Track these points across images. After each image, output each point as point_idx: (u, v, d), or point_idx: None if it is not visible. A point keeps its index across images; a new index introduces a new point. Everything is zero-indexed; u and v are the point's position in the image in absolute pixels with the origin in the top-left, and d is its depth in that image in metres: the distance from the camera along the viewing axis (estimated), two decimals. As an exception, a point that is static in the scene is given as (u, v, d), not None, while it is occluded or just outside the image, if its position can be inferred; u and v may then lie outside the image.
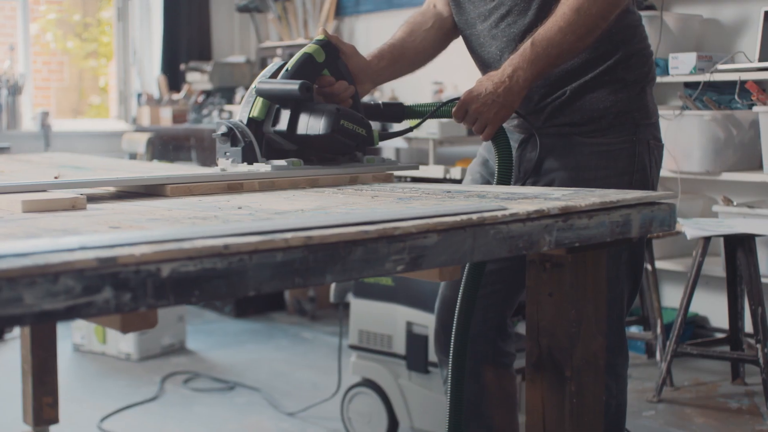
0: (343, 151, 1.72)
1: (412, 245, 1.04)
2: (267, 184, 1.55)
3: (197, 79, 6.03)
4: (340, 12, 5.87)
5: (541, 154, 1.90)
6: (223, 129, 1.66)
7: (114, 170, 2.17)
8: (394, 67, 1.97)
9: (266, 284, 0.92)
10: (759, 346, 3.21)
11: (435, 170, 2.91)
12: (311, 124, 1.64)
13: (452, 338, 1.84)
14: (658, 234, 3.49)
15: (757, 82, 3.67)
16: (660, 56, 3.93)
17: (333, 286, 3.13)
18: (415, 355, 2.85)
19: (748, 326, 3.52)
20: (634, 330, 3.93)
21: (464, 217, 1.10)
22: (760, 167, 3.75)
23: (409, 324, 2.88)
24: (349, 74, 1.82)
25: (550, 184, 1.88)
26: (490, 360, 2.09)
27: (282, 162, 1.63)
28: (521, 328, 2.74)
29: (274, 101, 1.69)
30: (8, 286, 0.75)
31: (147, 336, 4.04)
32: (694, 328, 4.13)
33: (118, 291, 0.82)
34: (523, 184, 1.92)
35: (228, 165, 1.66)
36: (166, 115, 5.94)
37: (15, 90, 5.72)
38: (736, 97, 3.78)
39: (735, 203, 3.77)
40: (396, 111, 1.90)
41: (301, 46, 1.79)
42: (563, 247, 1.25)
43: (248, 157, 1.65)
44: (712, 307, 4.15)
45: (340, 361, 3.23)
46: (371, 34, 5.65)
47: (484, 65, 1.97)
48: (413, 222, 1.05)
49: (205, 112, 5.78)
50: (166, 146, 5.64)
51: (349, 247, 0.98)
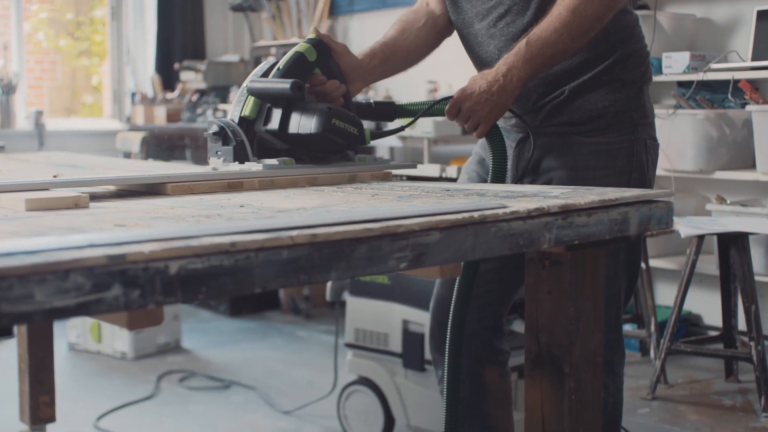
0: (335, 150, 1.72)
1: (414, 243, 1.05)
2: (267, 183, 1.56)
3: (191, 78, 6.02)
4: (334, 11, 5.87)
5: (540, 153, 1.90)
6: (214, 128, 1.65)
7: (111, 169, 2.17)
8: (386, 65, 1.96)
9: (272, 281, 0.93)
10: (752, 343, 3.23)
11: (431, 169, 2.92)
12: (303, 123, 1.64)
13: (448, 337, 1.85)
14: (652, 232, 3.51)
15: (750, 82, 3.69)
16: (653, 55, 3.94)
17: (329, 284, 3.13)
18: (412, 353, 2.86)
19: (742, 324, 3.55)
20: (628, 328, 3.95)
21: (466, 215, 1.11)
22: (753, 166, 3.78)
23: (405, 322, 2.88)
24: (341, 73, 1.82)
25: (548, 183, 1.88)
26: (486, 359, 2.10)
27: (273, 161, 1.62)
28: (517, 327, 2.75)
29: (265, 100, 1.69)
30: (19, 284, 0.76)
31: (142, 335, 4.04)
32: (688, 326, 4.15)
33: (127, 288, 0.83)
34: (521, 183, 1.92)
35: (219, 164, 1.65)
36: (160, 114, 5.94)
37: (9, 89, 5.72)
38: (729, 96, 3.80)
39: (728, 202, 3.79)
40: (388, 110, 1.90)
41: (296, 45, 1.79)
42: (562, 245, 1.26)
43: (240, 156, 1.64)
44: (705, 305, 4.18)
45: (336, 360, 3.24)
46: (365, 33, 5.65)
47: (482, 64, 1.96)
48: (416, 220, 1.06)
49: (199, 111, 5.78)
50: (160, 145, 5.64)
51: (353, 245, 0.99)
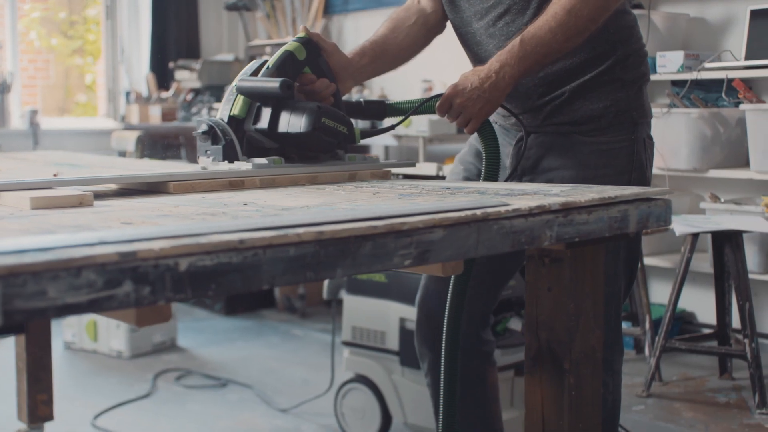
0: (325, 149, 1.71)
1: (419, 240, 1.06)
2: (268, 181, 1.57)
3: (186, 77, 6.03)
4: (328, 10, 5.88)
5: (540, 152, 1.90)
6: (203, 127, 1.64)
7: (110, 168, 2.18)
8: (376, 64, 1.96)
9: (279, 278, 0.94)
10: (746, 341, 3.26)
11: (428, 168, 2.93)
12: (292, 122, 1.63)
13: (444, 334, 1.85)
14: (646, 231, 3.53)
15: (744, 81, 3.72)
16: (648, 54, 3.96)
17: (326, 282, 3.14)
18: (409, 351, 2.87)
19: (735, 322, 3.57)
20: (623, 326, 3.96)
21: (469, 213, 1.12)
22: (746, 164, 3.80)
23: (402, 320, 2.89)
24: (331, 72, 1.81)
25: (549, 182, 1.88)
26: (476, 352, 2.12)
27: (263, 160, 1.62)
28: (514, 324, 2.77)
29: (255, 99, 1.68)
30: (33, 280, 0.77)
31: (138, 333, 4.04)
32: (682, 323, 4.17)
33: (138, 285, 0.83)
34: (520, 182, 1.93)
35: (208, 163, 1.64)
36: (155, 113, 5.94)
37: (4, 88, 5.71)
38: (723, 95, 3.83)
39: (722, 200, 3.81)
40: (378, 108, 1.89)
41: (290, 44, 1.79)
42: (563, 242, 1.28)
43: (229, 156, 1.63)
44: (699, 302, 4.20)
45: (333, 357, 3.25)
46: (360, 33, 5.66)
47: (481, 63, 1.94)
48: (420, 217, 1.07)
49: (194, 110, 5.78)
50: (155, 144, 5.64)
51: (359, 242, 1.00)
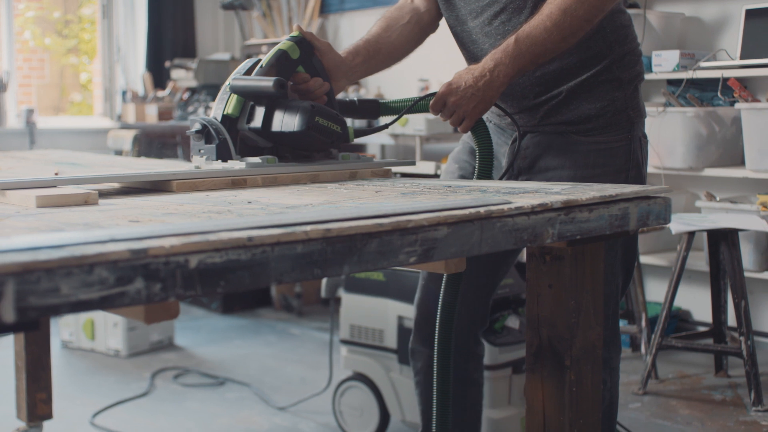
0: (318, 148, 1.71)
1: (424, 237, 1.07)
2: (270, 180, 1.58)
3: (182, 77, 6.03)
4: (324, 9, 5.89)
5: (537, 151, 1.91)
6: (197, 126, 1.64)
7: (111, 166, 2.18)
8: (369, 63, 1.96)
9: (287, 275, 0.95)
10: (742, 338, 3.27)
11: (425, 166, 2.95)
12: (286, 121, 1.64)
13: (436, 332, 1.86)
14: (643, 229, 3.55)
15: (739, 80, 3.74)
16: (643, 54, 3.98)
17: (324, 281, 3.15)
18: (407, 349, 2.87)
19: (731, 320, 3.59)
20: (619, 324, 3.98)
21: (472, 211, 1.13)
22: (741, 163, 3.82)
23: (400, 318, 2.90)
24: (324, 71, 1.82)
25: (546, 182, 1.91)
26: (471, 352, 2.14)
27: (257, 159, 1.62)
28: (511, 322, 2.78)
29: (248, 98, 1.68)
30: (46, 277, 0.78)
31: (135, 332, 4.05)
32: (677, 321, 4.20)
33: (149, 281, 0.84)
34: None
35: (202, 162, 1.64)
36: (151, 113, 5.94)
37: (0, 87, 5.70)
38: (718, 94, 3.84)
39: (718, 198, 3.83)
40: (371, 107, 1.89)
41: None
42: (564, 240, 1.29)
43: (222, 155, 1.63)
44: (695, 300, 4.22)
45: (332, 356, 3.26)
46: (356, 32, 5.67)
47: (476, 62, 1.93)
48: (424, 215, 1.08)
49: (190, 109, 5.78)
50: (151, 143, 5.65)
51: (365, 240, 1.01)
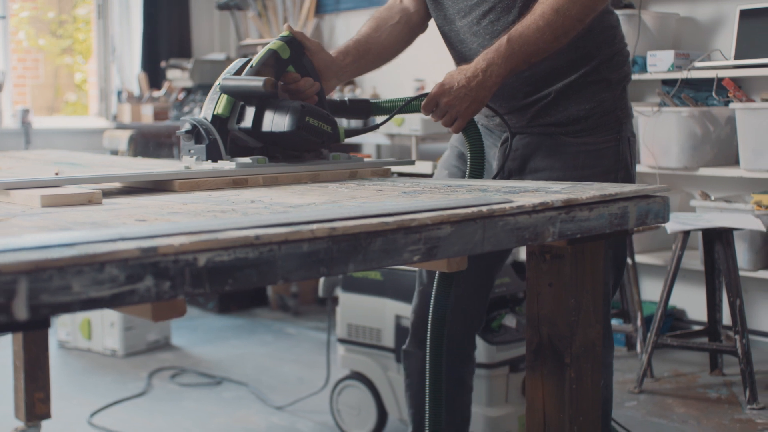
0: (309, 148, 1.72)
1: (427, 236, 1.08)
2: (271, 180, 1.59)
3: (178, 77, 6.03)
4: (320, 9, 5.90)
5: (526, 153, 1.91)
6: (187, 126, 1.64)
7: (110, 166, 2.19)
8: (360, 63, 1.97)
9: (293, 273, 0.96)
10: (737, 337, 3.29)
11: (423, 166, 2.96)
12: (276, 122, 1.63)
13: (428, 333, 1.86)
14: (638, 228, 3.56)
15: (733, 80, 3.76)
16: (638, 54, 4.00)
17: (322, 280, 3.17)
18: (404, 348, 2.89)
19: (726, 318, 3.61)
20: (614, 323, 4.00)
21: (475, 210, 1.14)
22: (736, 163, 3.84)
23: (397, 317, 2.92)
24: (315, 71, 1.82)
25: None
26: (466, 355, 2.15)
27: (247, 159, 1.62)
28: (508, 321, 2.80)
29: (238, 98, 1.68)
30: (58, 275, 0.79)
31: (132, 332, 4.05)
32: (673, 320, 4.22)
33: (158, 279, 0.86)
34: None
35: (192, 163, 1.64)
36: (147, 113, 5.94)
37: (-5, 87, 5.70)
38: (713, 94, 3.87)
39: (712, 198, 3.85)
40: (362, 107, 1.90)
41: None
42: (565, 239, 1.30)
43: (213, 155, 1.63)
44: (690, 299, 4.24)
45: (329, 355, 3.27)
46: (351, 32, 5.62)
47: (464, 61, 1.94)
48: (428, 214, 1.09)
49: (186, 109, 5.79)
50: (147, 143, 5.65)
51: (370, 238, 1.02)
